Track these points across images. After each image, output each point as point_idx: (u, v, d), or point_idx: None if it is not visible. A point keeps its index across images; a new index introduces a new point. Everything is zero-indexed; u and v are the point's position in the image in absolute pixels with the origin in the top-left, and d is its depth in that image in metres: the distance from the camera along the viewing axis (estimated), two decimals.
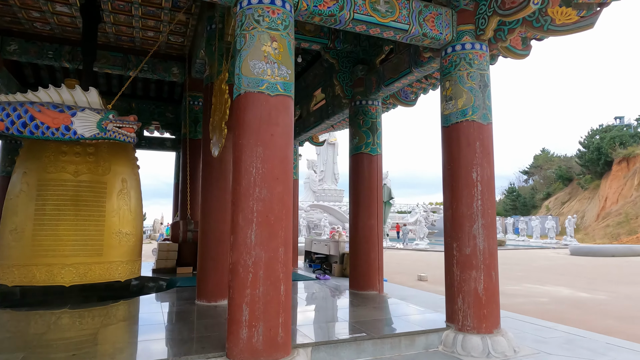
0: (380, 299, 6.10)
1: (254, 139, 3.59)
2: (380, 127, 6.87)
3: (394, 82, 6.12)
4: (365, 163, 6.76)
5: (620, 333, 6.12)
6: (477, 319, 4.33)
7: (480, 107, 4.58)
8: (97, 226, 6.32)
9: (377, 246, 6.65)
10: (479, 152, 4.52)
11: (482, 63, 4.67)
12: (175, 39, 8.72)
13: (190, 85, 9.70)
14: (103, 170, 6.50)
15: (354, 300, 6.01)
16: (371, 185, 6.73)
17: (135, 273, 6.97)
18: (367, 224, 6.66)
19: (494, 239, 4.52)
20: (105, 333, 4.29)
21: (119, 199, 6.62)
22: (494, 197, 4.61)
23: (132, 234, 6.80)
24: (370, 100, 6.80)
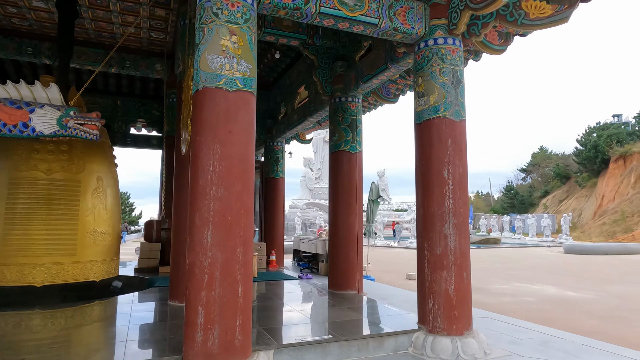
0: (358, 299, 6.00)
1: (211, 136, 3.47)
2: (360, 125, 6.76)
3: (371, 78, 6.01)
4: (345, 161, 6.66)
5: (602, 334, 6.04)
6: (447, 321, 4.23)
7: (453, 103, 4.47)
8: (70, 225, 6.21)
9: (357, 245, 6.55)
10: (451, 150, 4.41)
11: (455, 58, 4.56)
12: (157, 35, 8.59)
13: (172, 82, 9.57)
14: (77, 169, 6.37)
15: (330, 301, 5.91)
16: (351, 183, 6.63)
17: (112, 273, 6.87)
18: (346, 222, 6.56)
19: (466, 239, 4.41)
20: (68, 334, 4.19)
21: (93, 198, 6.50)
22: (467, 196, 4.50)
23: (108, 233, 6.69)
24: (349, 97, 6.69)
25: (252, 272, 7.91)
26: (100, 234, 6.55)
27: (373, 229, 11.63)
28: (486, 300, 8.55)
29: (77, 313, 5.42)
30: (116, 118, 11.29)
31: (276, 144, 10.39)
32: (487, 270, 13.81)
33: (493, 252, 21.20)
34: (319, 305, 5.71)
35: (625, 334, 6.05)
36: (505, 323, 5.69)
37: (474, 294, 9.11)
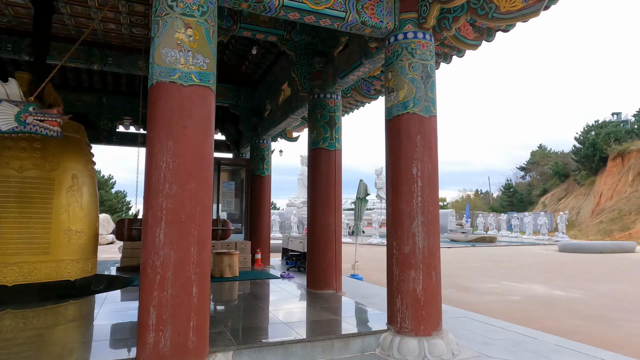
0: (334, 299, 5.91)
1: (164, 132, 3.38)
2: (339, 121, 6.66)
3: (347, 74, 5.91)
4: (323, 158, 6.56)
5: (583, 334, 5.95)
6: (415, 321, 4.14)
7: (422, 99, 4.37)
8: (43, 224, 6.12)
9: (335, 244, 6.46)
10: (420, 147, 4.31)
11: (425, 53, 4.45)
12: (139, 31, 8.49)
13: None
14: (51, 166, 6.29)
15: (305, 301, 5.82)
16: (329, 181, 6.53)
17: (88, 272, 6.78)
18: (325, 221, 6.47)
19: (436, 238, 4.32)
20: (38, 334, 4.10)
21: (68, 196, 6.41)
22: (437, 194, 4.40)
23: (84, 231, 6.60)
24: (328, 93, 6.59)
25: (233, 271, 7.85)
26: (75, 232, 6.46)
27: (361, 228, 11.54)
28: (471, 300, 8.46)
29: (50, 313, 5.34)
30: (102, 116, 11.18)
31: (262, 142, 10.29)
32: (478, 268, 13.72)
33: (487, 251, 21.12)
34: (292, 305, 5.63)
35: (606, 334, 5.96)
36: (482, 323, 5.60)
37: (460, 293, 9.09)
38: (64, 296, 6.18)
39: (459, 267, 14.20)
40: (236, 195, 11.37)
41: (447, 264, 14.93)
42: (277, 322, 4.56)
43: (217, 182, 10.51)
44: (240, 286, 6.99)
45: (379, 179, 48.62)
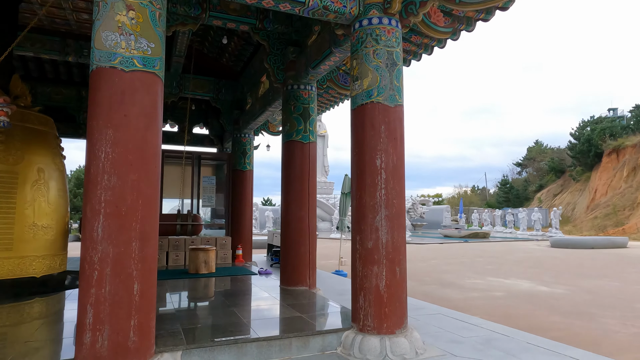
0: (306, 296, 5.74)
1: (103, 120, 3.19)
2: (313, 113, 6.47)
3: (319, 63, 5.72)
4: (297, 151, 6.38)
5: (561, 330, 5.82)
6: (377, 319, 3.97)
7: (387, 87, 4.18)
8: (6, 219, 5.92)
9: (308, 239, 6.29)
10: (384, 137, 4.14)
11: (391, 39, 4.26)
12: None
13: None
14: (15, 160, 6.09)
15: (275, 298, 5.65)
16: (302, 175, 6.36)
17: (57, 268, 6.60)
18: (298, 215, 6.30)
19: (400, 232, 4.14)
20: None
21: (33, 190, 6.21)
22: (402, 187, 4.23)
23: (51, 227, 6.41)
24: (302, 84, 6.39)
25: (209, 267, 7.67)
26: (41, 227, 6.27)
27: (346, 223, 11.36)
28: (454, 296, 8.32)
29: (13, 310, 5.16)
30: (81, 109, 10.95)
31: (243, 136, 10.09)
32: (466, 264, 13.59)
33: (479, 247, 20.99)
34: (259, 302, 5.45)
35: (584, 331, 5.82)
36: (457, 320, 5.44)
37: (443, 289, 8.95)
38: (33, 293, 6.02)
39: (447, 262, 14.06)
40: (220, 190, 11.19)
41: (436, 260, 14.81)
42: (238, 321, 4.38)
43: (197, 177, 10.32)
44: (213, 283, 6.82)
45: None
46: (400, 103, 4.27)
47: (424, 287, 9.35)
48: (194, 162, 10.29)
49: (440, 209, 44.52)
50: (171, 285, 6.57)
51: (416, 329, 4.92)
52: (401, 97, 4.29)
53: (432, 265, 13.24)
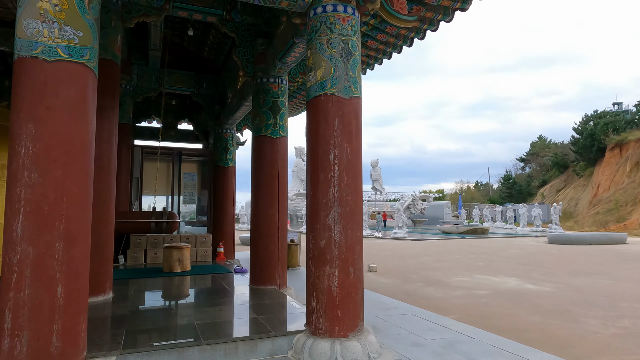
0: (273, 296, 5.57)
1: (24, 114, 3.01)
2: (283, 107, 6.27)
3: (284, 55, 5.52)
4: (267, 147, 6.19)
5: (537, 331, 5.62)
6: (329, 322, 3.78)
7: (342, 78, 3.97)
8: None
9: (278, 237, 6.10)
10: (338, 131, 3.93)
11: (346, 28, 4.05)
12: None
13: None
14: None
15: (240, 297, 5.48)
16: (272, 171, 6.16)
17: None
18: (267, 213, 6.11)
19: (355, 230, 3.94)
20: None
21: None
22: (358, 183, 4.02)
23: None
24: (272, 77, 6.19)
25: (183, 265, 7.51)
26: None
27: None
28: (435, 295, 8.12)
29: None
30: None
31: (225, 131, 9.91)
32: (458, 261, 13.37)
33: (475, 243, 20.74)
34: (222, 302, 5.28)
35: (561, 332, 5.60)
36: (426, 321, 5.25)
37: (427, 288, 8.75)
38: None
39: (438, 259, 13.85)
40: (204, 187, 11.03)
41: (428, 257, 14.60)
42: (189, 323, 4.21)
43: (178, 174, 10.16)
44: (182, 282, 6.66)
45: (375, 171, 48.34)
46: (356, 95, 4.06)
47: (408, 285, 9.15)
48: (174, 158, 10.12)
49: (441, 205, 44.25)
50: (139, 284, 6.41)
51: (380, 330, 4.76)
52: (357, 88, 4.08)
53: (422, 263, 13.03)
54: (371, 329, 4.82)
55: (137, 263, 8.70)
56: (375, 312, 5.64)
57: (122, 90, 9.14)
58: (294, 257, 9.87)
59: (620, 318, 6.34)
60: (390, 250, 17.05)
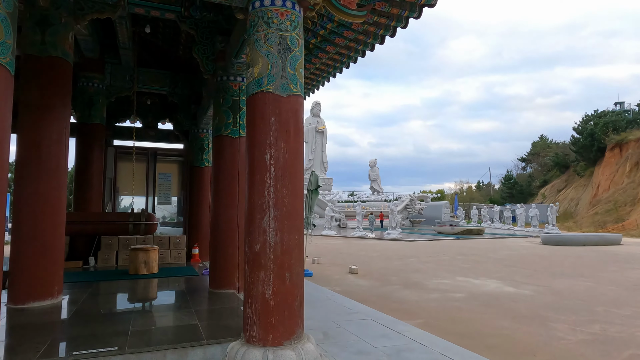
0: (228, 300, 5.42)
1: None
2: (243, 106, 6.11)
3: (238, 52, 5.38)
4: (226, 147, 6.04)
5: (503, 337, 5.45)
6: (263, 329, 3.62)
7: (279, 75, 3.81)
8: None
9: (237, 239, 5.94)
10: (275, 130, 3.77)
11: (285, 22, 3.89)
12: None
13: (83, 65, 8.99)
14: None
15: (192, 302, 5.32)
16: (232, 171, 6.01)
17: None
18: (227, 214, 5.96)
19: (293, 234, 3.78)
20: None
21: None
22: (297, 185, 3.86)
23: None
24: (232, 75, 6.04)
25: (150, 268, 7.37)
26: None
27: (311, 221, 11.01)
28: (409, 298, 7.94)
29: None
30: None
31: (201, 131, 9.76)
32: (444, 263, 13.17)
33: (468, 244, 20.52)
34: (171, 307, 5.13)
35: (525, 338, 5.42)
36: (383, 326, 5.08)
37: (403, 291, 8.57)
38: None
39: (425, 261, 13.66)
40: (184, 188, 10.89)
41: (415, 258, 14.42)
42: (124, 329, 4.06)
43: (153, 174, 10.02)
44: (142, 285, 6.51)
45: (373, 171, 48.14)
46: (295, 93, 3.90)
47: (385, 287, 8.98)
48: (148, 158, 9.99)
49: (440, 205, 44.01)
50: (99, 287, 6.27)
51: (330, 337, 4.60)
52: (297, 86, 3.91)
53: (407, 264, 12.85)
54: (322, 335, 4.68)
55: (108, 265, 8.57)
56: (335, 317, 5.48)
57: (95, 90, 9.04)
58: None
59: (592, 323, 6.15)
60: (379, 251, 16.87)
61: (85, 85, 8.94)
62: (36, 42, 5.22)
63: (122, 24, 7.38)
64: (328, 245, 20.09)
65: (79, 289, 6.06)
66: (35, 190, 4.98)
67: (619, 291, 8.54)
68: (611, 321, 6.27)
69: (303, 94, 4.02)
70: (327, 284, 9.25)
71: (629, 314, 6.73)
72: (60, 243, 5.34)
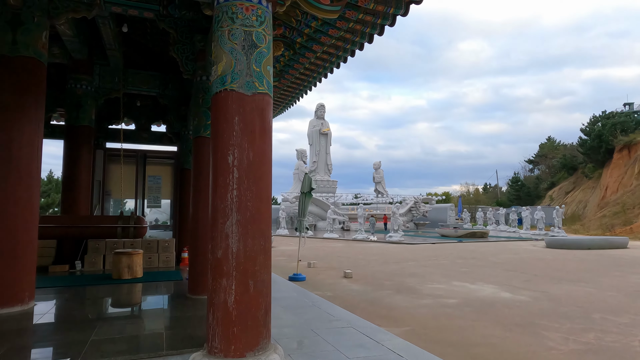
0: (204, 306, 5.22)
1: None
2: None
3: None
4: (206, 148, 5.87)
5: (487, 346, 5.22)
6: (225, 340, 3.44)
7: (243, 73, 3.64)
8: None
9: None
10: (238, 130, 3.60)
11: (250, 18, 3.71)
12: None
13: (72, 67, 8.91)
14: None
15: (166, 308, 5.16)
16: None
17: None
18: (205, 218, 5.78)
19: (257, 239, 3.60)
20: None
21: None
22: (262, 188, 3.67)
23: None
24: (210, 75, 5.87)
25: (133, 272, 7.22)
26: None
27: (304, 224, 10.81)
28: (400, 304, 7.71)
29: None
30: None
31: (191, 133, 9.61)
32: (442, 267, 12.90)
33: (470, 247, 20.19)
34: (143, 314, 4.97)
35: (514, 348, 5.17)
36: (363, 335, 4.86)
37: (395, 296, 8.34)
38: None
39: (423, 264, 13.40)
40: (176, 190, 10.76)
41: (413, 262, 14.16)
42: (83, 340, 3.89)
43: (142, 177, 9.90)
44: (121, 290, 6.37)
45: (377, 173, 47.83)
46: (261, 91, 3.72)
47: (377, 292, 8.75)
48: (138, 160, 9.87)
49: (445, 208, 43.62)
50: (76, 293, 6.14)
51: (304, 347, 4.40)
52: (263, 84, 3.74)
53: (405, 268, 12.60)
54: (296, 344, 4.48)
55: (95, 269, 8.45)
56: (315, 325, 5.28)
57: (83, 91, 8.96)
58: None
59: (586, 332, 5.88)
60: (378, 254, 16.63)
61: (73, 87, 8.85)
62: (7, 42, 5.10)
63: (106, 24, 7.28)
64: (327, 248, 19.88)
65: (56, 294, 5.92)
66: (3, 193, 4.84)
67: (620, 297, 8.23)
68: (607, 329, 6.00)
69: (271, 92, 3.85)
70: (318, 288, 9.05)
71: (627, 321, 6.45)
72: (32, 247, 5.20)
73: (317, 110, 50.49)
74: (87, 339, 3.87)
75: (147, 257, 8.82)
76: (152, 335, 4.01)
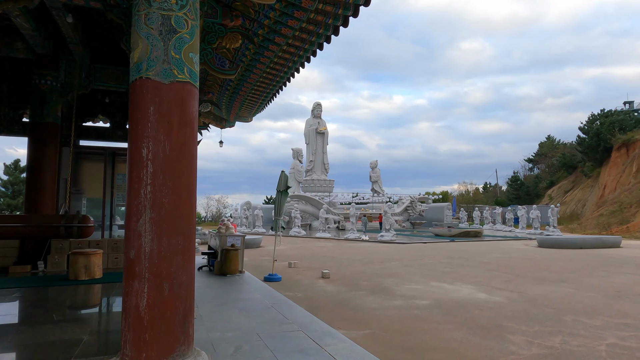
0: None
1: None
2: None
3: None
4: None
5: (445, 351, 4.98)
6: (135, 347, 3.19)
7: (160, 59, 3.39)
8: None
9: None
10: (154, 121, 3.35)
11: (169, 1, 3.46)
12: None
13: (36, 62, 8.68)
14: None
15: (105, 311, 4.92)
16: None
17: None
18: None
19: (173, 239, 3.35)
20: None
21: None
22: (180, 183, 3.42)
23: None
24: None
25: (91, 273, 6.98)
26: None
27: (280, 223, 10.56)
28: (369, 305, 7.45)
29: None
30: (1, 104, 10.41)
31: None
32: (425, 267, 12.63)
33: (461, 246, 19.89)
34: (77, 317, 4.74)
35: (472, 353, 4.92)
36: (310, 339, 4.61)
37: (368, 297, 8.08)
38: None
39: (407, 264, 13.13)
40: None
41: (398, 262, 13.90)
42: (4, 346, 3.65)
43: (111, 175, 9.66)
44: (70, 292, 6.13)
45: (374, 172, 47.51)
46: (181, 79, 3.47)
47: (350, 293, 8.50)
48: (106, 158, 9.63)
49: (441, 207, 43.27)
50: (24, 295, 5.89)
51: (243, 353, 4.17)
52: (183, 72, 3.49)
53: (386, 268, 12.33)
54: (233, 350, 4.24)
55: (59, 269, 8.21)
56: (262, 329, 5.02)
57: (48, 87, 8.72)
58: (233, 263, 9.28)
59: (554, 335, 5.62)
60: (365, 254, 16.36)
61: (37, 82, 8.62)
62: None
63: (61, 16, 7.03)
64: (316, 247, 19.61)
65: (1, 296, 5.69)
66: None
67: (598, 298, 7.96)
68: (576, 332, 5.74)
69: (194, 81, 3.60)
70: (290, 289, 8.81)
71: (599, 324, 6.18)
72: None
73: (313, 109, 50.25)
74: (15, 345, 3.63)
75: (114, 257, 8.58)
76: (71, 342, 3.77)
